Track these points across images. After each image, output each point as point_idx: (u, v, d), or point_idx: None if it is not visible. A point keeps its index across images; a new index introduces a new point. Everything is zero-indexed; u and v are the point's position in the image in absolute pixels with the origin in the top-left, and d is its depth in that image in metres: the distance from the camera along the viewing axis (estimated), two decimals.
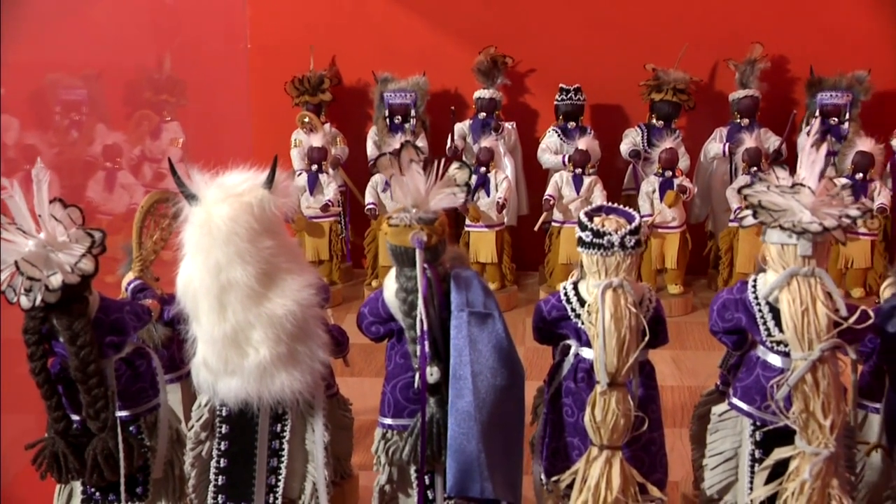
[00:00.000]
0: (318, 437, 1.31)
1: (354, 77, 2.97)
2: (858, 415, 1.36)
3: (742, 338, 1.27)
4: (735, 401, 1.27)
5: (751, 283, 1.22)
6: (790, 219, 1.15)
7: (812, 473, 1.15)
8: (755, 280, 1.22)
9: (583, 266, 1.24)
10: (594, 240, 1.21)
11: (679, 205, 2.57)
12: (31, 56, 2.23)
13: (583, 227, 1.22)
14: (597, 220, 1.22)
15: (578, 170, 2.57)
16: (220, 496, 1.31)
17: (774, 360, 1.21)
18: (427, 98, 2.81)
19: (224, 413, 1.30)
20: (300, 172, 2.69)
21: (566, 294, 1.27)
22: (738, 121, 2.68)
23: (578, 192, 2.57)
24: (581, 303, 1.25)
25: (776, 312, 1.18)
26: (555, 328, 1.29)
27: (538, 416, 1.35)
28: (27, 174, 1.23)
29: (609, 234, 1.20)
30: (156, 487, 1.36)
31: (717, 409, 1.30)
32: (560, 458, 1.31)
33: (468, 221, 2.64)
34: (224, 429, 1.30)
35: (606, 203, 1.28)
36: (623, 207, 1.26)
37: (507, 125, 2.79)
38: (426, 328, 1.22)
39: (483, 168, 2.61)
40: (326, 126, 2.84)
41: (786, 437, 1.19)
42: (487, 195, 2.61)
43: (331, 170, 2.71)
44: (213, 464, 1.31)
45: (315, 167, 2.66)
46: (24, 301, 1.19)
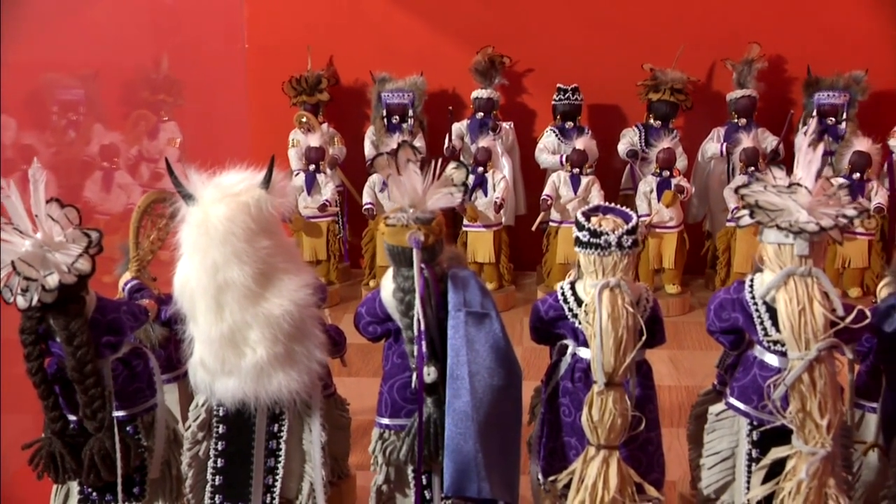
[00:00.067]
0: (316, 437, 1.30)
1: (352, 77, 2.97)
2: (855, 414, 1.35)
3: (739, 337, 1.27)
4: (732, 400, 1.27)
5: (748, 283, 1.22)
6: (787, 218, 1.15)
7: (809, 473, 1.15)
8: (752, 280, 1.22)
9: (580, 266, 1.24)
10: (591, 239, 1.21)
11: (676, 205, 2.57)
12: (28, 56, 2.22)
13: (580, 227, 1.22)
14: (594, 220, 1.22)
15: (576, 170, 2.57)
16: (218, 496, 1.31)
17: (771, 360, 1.22)
18: (425, 98, 2.81)
19: (221, 413, 1.29)
20: (298, 172, 2.69)
21: (563, 294, 1.27)
22: (736, 121, 2.69)
23: (576, 192, 2.57)
24: (578, 302, 1.25)
25: (773, 312, 1.18)
26: (552, 328, 1.29)
27: (535, 416, 1.35)
28: (24, 174, 1.23)
29: (606, 234, 1.20)
30: (153, 487, 1.36)
31: (715, 409, 1.30)
32: (557, 458, 1.31)
33: (466, 221, 2.64)
34: (221, 429, 1.30)
35: (604, 203, 1.28)
36: (620, 207, 1.26)
37: (505, 125, 2.80)
38: (423, 328, 1.22)
39: (481, 168, 2.61)
40: (324, 126, 2.84)
41: (783, 437, 1.19)
42: (485, 195, 2.61)
43: (328, 170, 2.71)
44: (210, 464, 1.31)
45: (313, 167, 2.66)
46: (21, 301, 1.19)
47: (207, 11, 2.93)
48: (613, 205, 1.27)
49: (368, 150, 2.83)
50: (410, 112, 2.77)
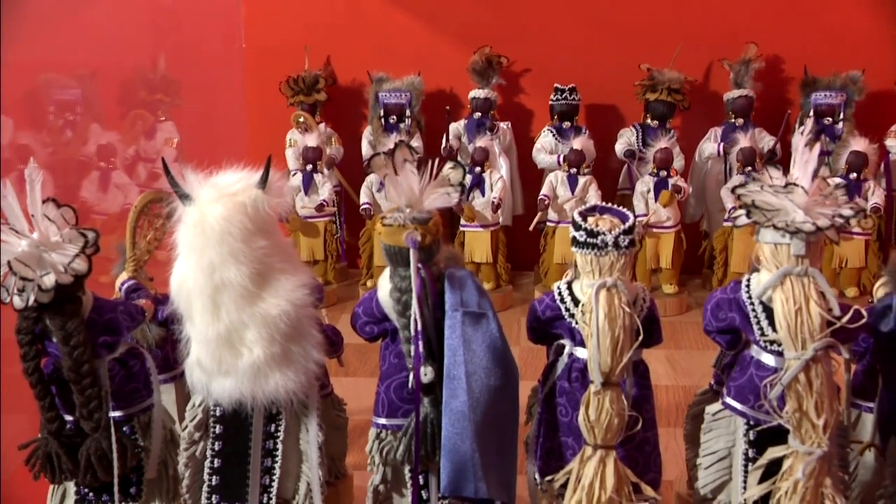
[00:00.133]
0: (313, 437, 1.30)
1: (349, 77, 2.96)
2: (852, 414, 1.36)
3: (736, 337, 1.27)
4: (729, 400, 1.27)
5: (744, 283, 1.22)
6: (783, 218, 1.16)
7: (805, 472, 1.15)
8: (749, 279, 1.22)
9: (577, 266, 1.25)
10: (588, 239, 1.21)
11: (674, 205, 2.57)
12: (25, 56, 2.22)
13: (577, 227, 1.22)
14: (591, 220, 1.22)
15: (573, 170, 2.57)
16: (214, 496, 1.31)
17: (768, 360, 1.22)
18: (422, 98, 2.81)
19: (218, 413, 1.29)
20: (295, 172, 2.68)
21: (560, 294, 1.27)
22: (733, 121, 2.69)
23: (573, 192, 2.57)
24: (575, 302, 1.25)
25: (770, 312, 1.18)
26: (549, 328, 1.29)
27: (532, 416, 1.35)
28: (21, 174, 1.23)
29: (603, 234, 1.20)
30: (149, 488, 1.36)
31: (711, 409, 1.30)
32: (554, 458, 1.31)
33: (463, 221, 2.64)
34: (218, 429, 1.30)
35: (601, 203, 1.28)
36: (617, 207, 1.26)
37: (502, 125, 2.80)
38: (420, 328, 1.22)
39: (478, 168, 2.61)
40: (321, 126, 2.83)
41: (779, 437, 1.19)
42: (482, 195, 2.61)
43: (326, 170, 2.70)
44: (207, 464, 1.31)
45: (310, 167, 2.66)
46: (17, 301, 1.19)
47: (205, 11, 2.93)
48: (610, 205, 1.27)
49: (366, 150, 2.82)
50: (408, 112, 2.77)
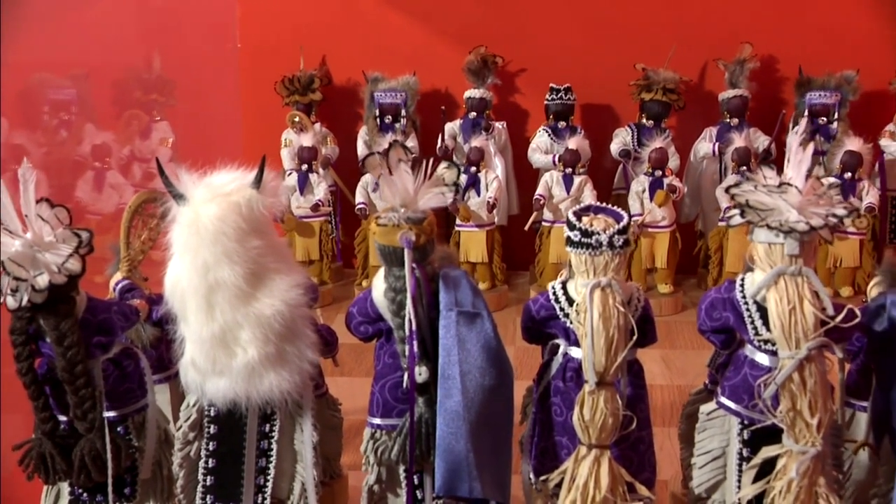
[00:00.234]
0: (307, 437, 1.30)
1: (344, 77, 2.96)
2: (846, 413, 1.36)
3: (730, 337, 1.27)
4: (723, 400, 1.27)
5: (738, 282, 1.23)
6: (777, 218, 1.16)
7: (799, 472, 1.15)
8: (743, 279, 1.22)
9: (571, 265, 1.25)
10: (582, 239, 1.21)
11: (669, 204, 2.57)
12: (20, 55, 2.22)
13: (571, 227, 1.22)
14: (585, 220, 1.22)
15: (569, 169, 2.57)
16: (209, 496, 1.30)
17: (762, 359, 1.22)
18: (417, 98, 2.80)
19: (212, 413, 1.29)
20: (290, 172, 2.68)
21: (555, 293, 1.27)
22: (728, 120, 2.69)
23: (569, 192, 2.57)
24: (569, 302, 1.25)
25: (763, 311, 1.18)
26: (543, 327, 1.29)
27: (527, 416, 1.35)
28: (14, 174, 1.23)
29: (597, 234, 1.20)
30: (144, 488, 1.36)
31: (706, 408, 1.30)
32: (549, 458, 1.31)
33: (459, 221, 2.64)
34: (212, 429, 1.30)
35: (596, 202, 1.28)
36: (611, 207, 1.26)
37: (498, 125, 2.79)
38: (415, 328, 1.22)
39: (473, 168, 2.61)
40: (316, 126, 2.83)
41: (773, 436, 1.19)
42: (478, 195, 2.61)
43: (321, 169, 2.70)
44: (202, 464, 1.31)
45: (305, 167, 2.66)
46: (11, 301, 1.19)
47: (200, 11, 2.93)
48: (604, 204, 1.27)
49: (361, 150, 2.82)
50: (403, 112, 2.77)
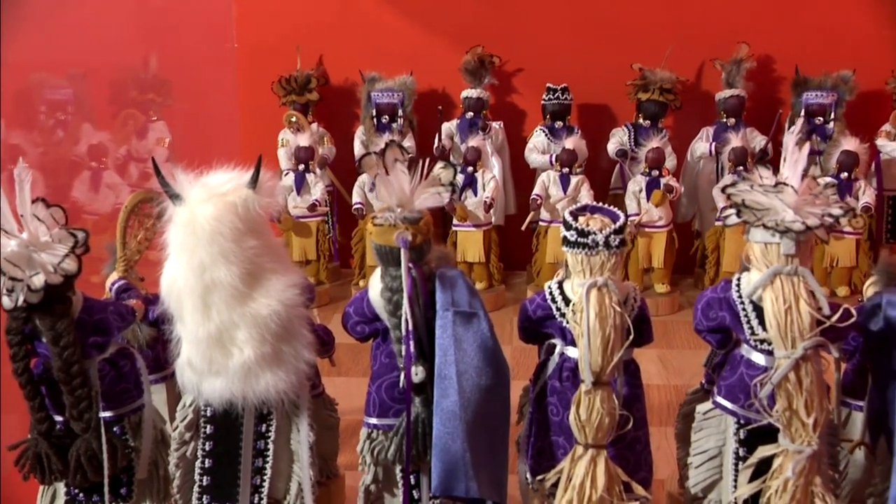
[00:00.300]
0: (304, 437, 1.30)
1: (342, 76, 2.96)
2: (842, 413, 1.36)
3: (726, 336, 1.27)
4: (719, 399, 1.27)
5: (735, 282, 1.23)
6: (773, 217, 1.16)
7: (795, 471, 1.15)
8: (739, 279, 1.22)
9: (568, 265, 1.25)
10: (579, 239, 1.21)
11: (666, 204, 2.57)
12: (16, 55, 2.22)
13: (567, 227, 1.22)
14: (581, 220, 1.22)
15: (566, 169, 2.57)
16: (205, 496, 1.30)
17: (758, 359, 1.22)
18: (414, 97, 2.81)
19: (209, 413, 1.29)
20: (287, 172, 2.68)
21: (551, 293, 1.27)
22: (725, 120, 2.69)
23: (566, 192, 2.57)
24: (566, 302, 1.25)
25: (760, 311, 1.18)
26: (540, 327, 1.29)
27: (524, 416, 1.35)
28: (10, 174, 1.23)
29: (594, 234, 1.20)
30: (140, 488, 1.35)
31: (702, 408, 1.30)
32: (545, 457, 1.31)
33: (456, 221, 2.64)
34: (209, 429, 1.30)
35: (592, 202, 1.28)
36: (608, 206, 1.26)
37: (495, 125, 2.80)
38: (411, 328, 1.22)
39: (470, 167, 2.61)
40: (314, 126, 2.83)
41: (769, 435, 1.19)
42: (475, 195, 2.61)
43: (318, 169, 2.70)
44: (198, 464, 1.30)
45: (302, 167, 2.66)
46: (7, 301, 1.19)
47: (197, 11, 2.93)
48: (601, 204, 1.27)
49: (358, 150, 2.82)
50: (400, 112, 2.77)
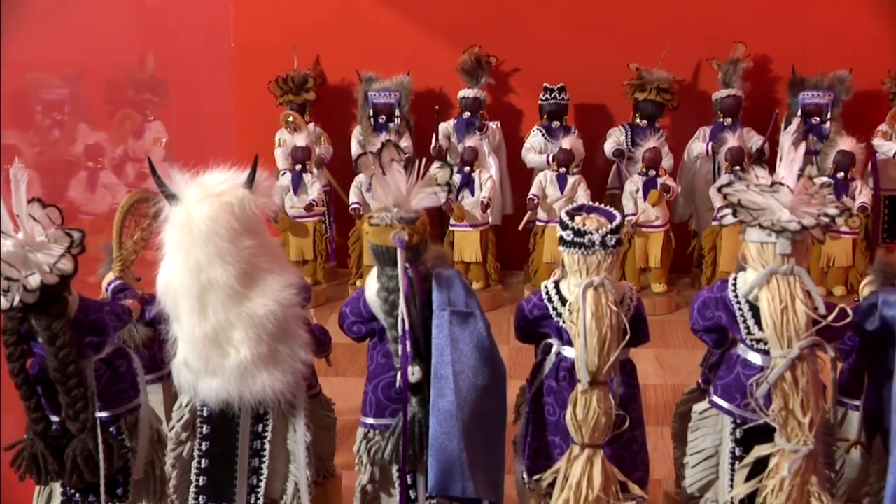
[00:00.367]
0: (300, 437, 1.30)
1: (338, 76, 2.96)
2: (838, 412, 1.37)
3: (722, 336, 1.27)
4: (715, 399, 1.27)
5: (731, 282, 1.23)
6: (769, 217, 1.16)
7: (791, 470, 1.15)
8: (735, 278, 1.23)
9: (564, 265, 1.25)
10: (575, 239, 1.21)
11: (663, 204, 2.57)
12: (12, 55, 2.21)
13: (564, 227, 1.22)
14: (578, 220, 1.22)
15: (563, 169, 2.57)
16: (202, 497, 1.30)
17: (754, 359, 1.22)
18: (411, 97, 2.80)
19: (205, 413, 1.29)
20: (284, 172, 2.68)
21: (548, 293, 1.27)
22: (721, 120, 2.69)
23: (563, 192, 2.57)
24: (562, 301, 1.25)
25: (756, 310, 1.19)
26: (536, 327, 1.30)
27: (520, 415, 1.35)
28: (6, 174, 1.23)
29: (590, 234, 1.20)
30: (136, 488, 1.35)
31: (698, 408, 1.30)
32: (542, 457, 1.31)
33: (453, 221, 2.64)
34: (205, 429, 1.30)
35: (589, 202, 1.28)
36: (604, 206, 1.26)
37: (492, 124, 2.80)
38: (408, 328, 1.21)
39: (467, 167, 2.60)
40: (310, 125, 2.83)
41: (766, 435, 1.19)
42: (472, 194, 2.60)
43: (315, 169, 2.70)
44: (195, 464, 1.30)
45: (299, 167, 2.66)
46: (3, 301, 1.19)
47: (193, 11, 2.92)
48: (598, 204, 1.27)
49: (355, 150, 2.82)
50: (397, 111, 2.76)
